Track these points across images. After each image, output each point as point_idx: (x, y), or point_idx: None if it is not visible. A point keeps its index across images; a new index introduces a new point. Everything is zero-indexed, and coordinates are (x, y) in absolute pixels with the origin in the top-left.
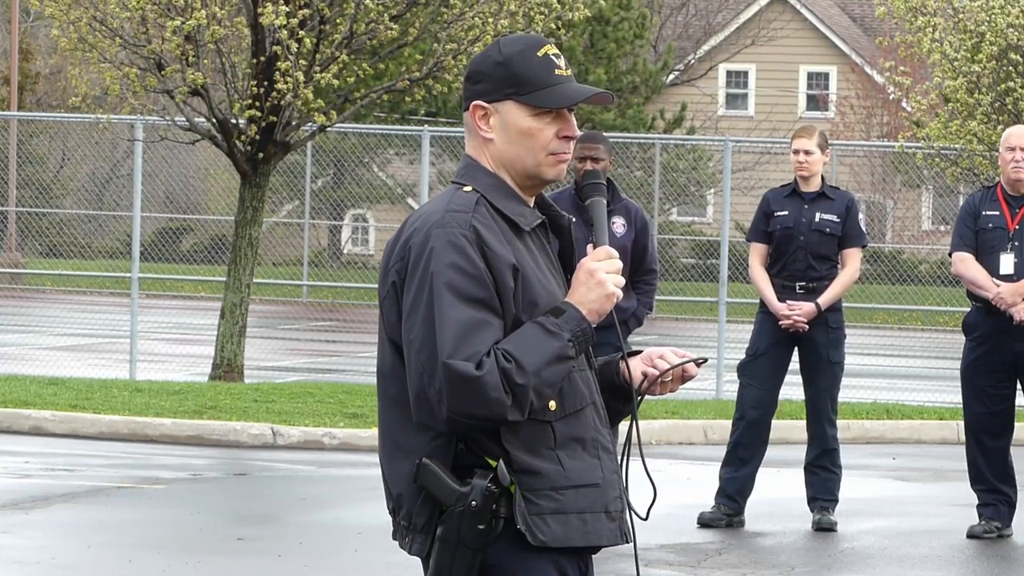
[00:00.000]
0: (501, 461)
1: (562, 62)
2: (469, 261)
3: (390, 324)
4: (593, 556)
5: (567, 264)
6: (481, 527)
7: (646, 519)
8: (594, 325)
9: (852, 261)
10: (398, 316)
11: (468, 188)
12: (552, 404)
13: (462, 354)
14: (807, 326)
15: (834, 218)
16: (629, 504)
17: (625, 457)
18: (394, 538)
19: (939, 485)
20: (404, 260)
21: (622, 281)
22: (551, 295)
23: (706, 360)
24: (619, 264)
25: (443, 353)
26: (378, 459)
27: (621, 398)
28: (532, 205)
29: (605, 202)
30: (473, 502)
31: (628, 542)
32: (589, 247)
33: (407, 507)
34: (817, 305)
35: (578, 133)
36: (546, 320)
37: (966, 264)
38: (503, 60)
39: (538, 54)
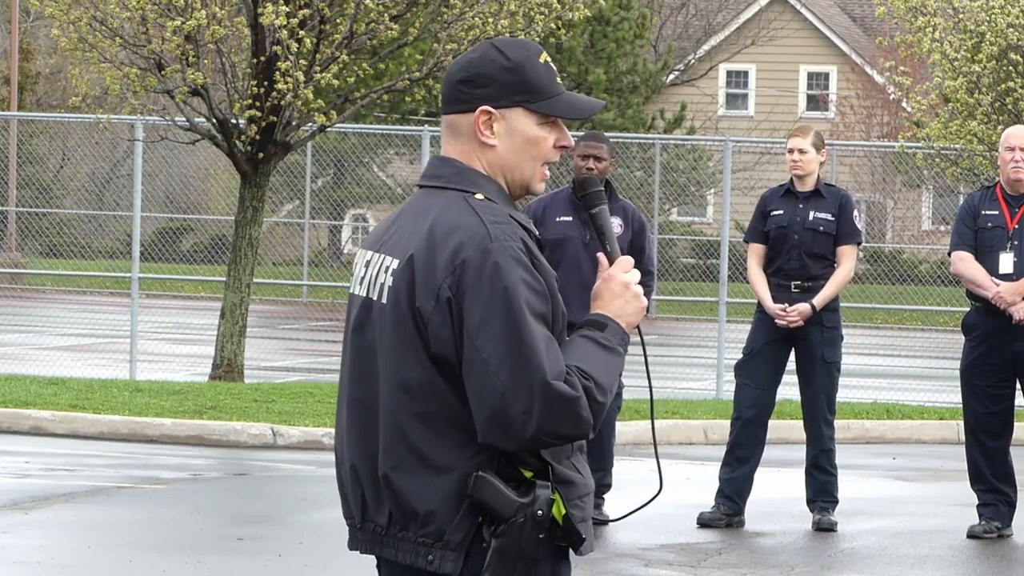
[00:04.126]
0: (551, 471)
1: (556, 68)
2: (535, 277)
3: (439, 340)
4: (594, 557)
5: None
6: (542, 536)
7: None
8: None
9: (847, 259)
10: (453, 333)
11: (480, 196)
12: None
13: (553, 372)
14: (802, 323)
15: (828, 216)
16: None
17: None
18: (368, 551)
19: (939, 485)
20: (456, 275)
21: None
22: (563, 305)
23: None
24: (639, 274)
25: (544, 374)
26: (362, 470)
27: None
28: None
29: (608, 210)
30: (539, 512)
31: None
32: (601, 256)
33: (437, 524)
34: (812, 306)
35: (572, 143)
36: (595, 335)
37: (965, 263)
38: (513, 66)
39: (540, 61)
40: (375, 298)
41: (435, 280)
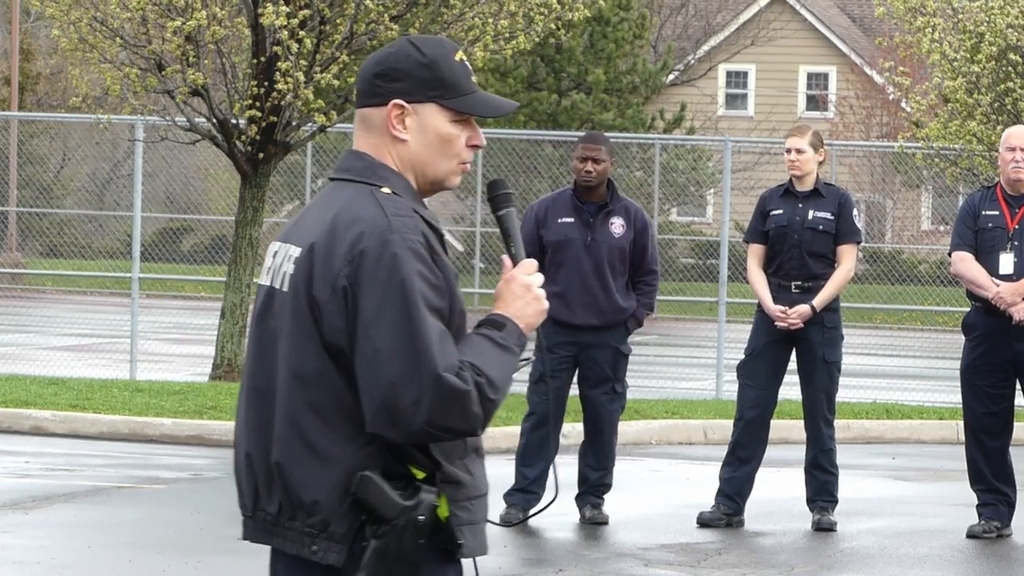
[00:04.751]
0: (436, 473)
1: (471, 67)
2: (432, 272)
3: (333, 329)
4: (594, 557)
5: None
6: (422, 541)
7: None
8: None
9: (847, 258)
10: (347, 323)
11: (387, 190)
12: None
13: (445, 365)
14: (802, 324)
15: (828, 215)
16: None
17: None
18: (259, 540)
19: (939, 485)
20: (354, 264)
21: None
22: (463, 301)
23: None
24: (542, 277)
25: (434, 366)
26: (256, 458)
27: None
28: None
29: (515, 213)
30: (421, 516)
31: (486, 553)
32: (504, 258)
33: (323, 515)
34: (812, 307)
35: (484, 142)
36: (493, 334)
37: (966, 264)
38: (428, 62)
39: (456, 59)
40: (277, 287)
41: (333, 269)
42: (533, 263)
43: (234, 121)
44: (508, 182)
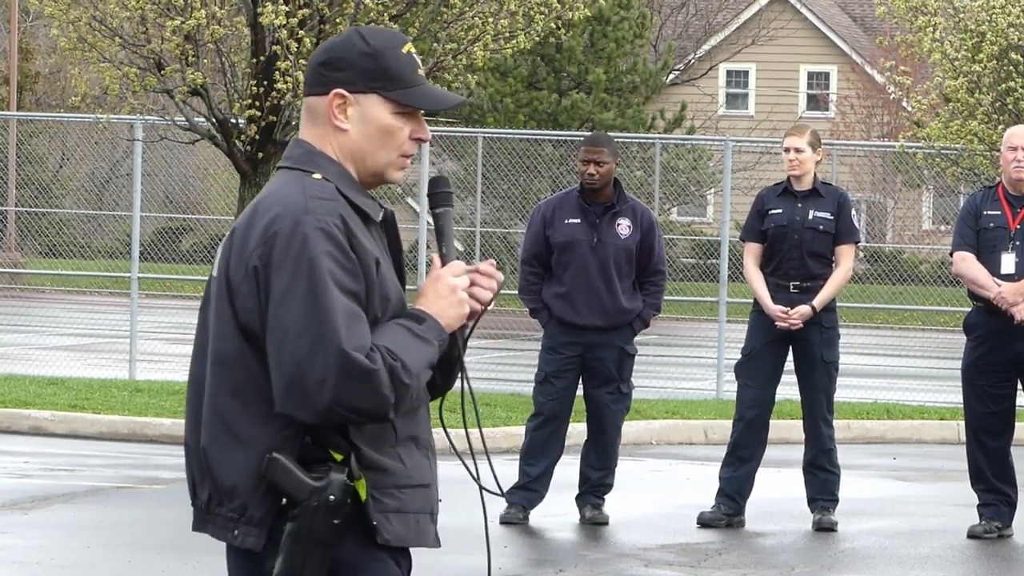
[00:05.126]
0: (352, 456)
1: (419, 60)
2: (343, 252)
3: (246, 310)
4: (594, 557)
5: (396, 258)
6: (336, 522)
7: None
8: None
9: (846, 259)
10: (258, 302)
11: (318, 176)
12: None
13: (354, 345)
14: (802, 325)
15: (827, 215)
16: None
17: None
18: (200, 529)
19: (939, 485)
20: (267, 245)
21: (480, 293)
22: (397, 290)
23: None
24: (468, 281)
25: (339, 342)
26: (193, 447)
27: (440, 370)
28: None
29: (453, 213)
30: (331, 496)
31: (440, 546)
32: (435, 257)
33: (241, 499)
34: (812, 307)
35: (429, 136)
36: (411, 325)
37: (967, 263)
38: (372, 52)
39: (403, 50)
40: (214, 274)
41: (247, 250)
42: (461, 266)
43: (233, 121)
44: (510, 181)
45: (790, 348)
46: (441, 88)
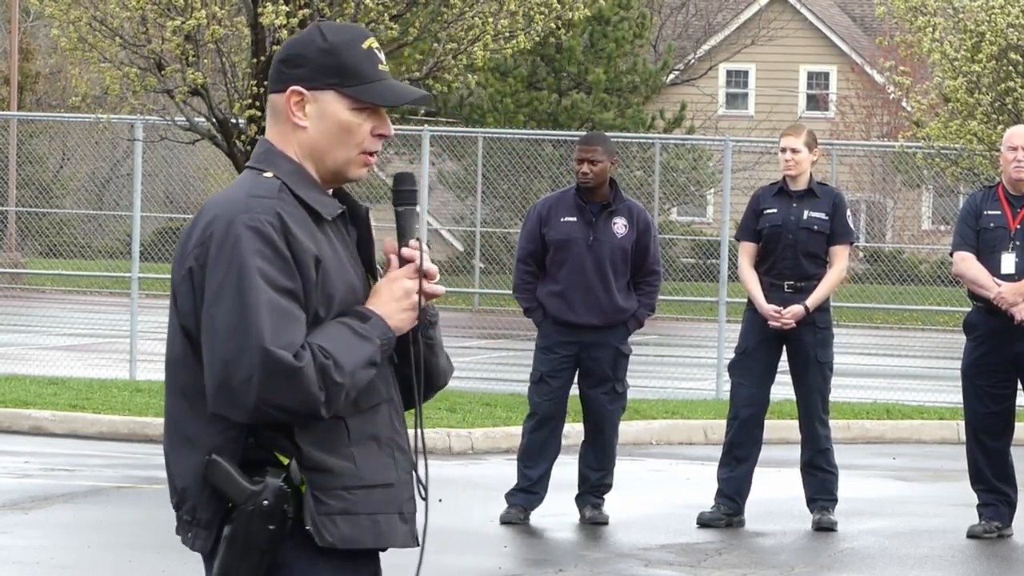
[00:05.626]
0: (294, 459)
1: (383, 56)
2: (276, 250)
3: (184, 311)
4: (594, 557)
5: (365, 255)
6: (271, 527)
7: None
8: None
9: (840, 259)
10: (194, 303)
11: (269, 174)
12: None
13: (279, 343)
14: (795, 324)
15: (822, 216)
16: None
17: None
18: (177, 533)
19: (939, 485)
20: (204, 246)
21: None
22: (350, 288)
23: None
24: (432, 289)
25: (262, 339)
26: (163, 452)
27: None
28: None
29: (416, 211)
30: (265, 501)
31: (418, 545)
32: (392, 258)
33: (192, 501)
34: (805, 307)
35: (392, 132)
36: (353, 323)
37: (967, 263)
38: (328, 47)
39: (363, 46)
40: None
41: (186, 251)
42: (414, 267)
43: (234, 121)
44: (510, 181)
45: (783, 346)
46: (403, 84)
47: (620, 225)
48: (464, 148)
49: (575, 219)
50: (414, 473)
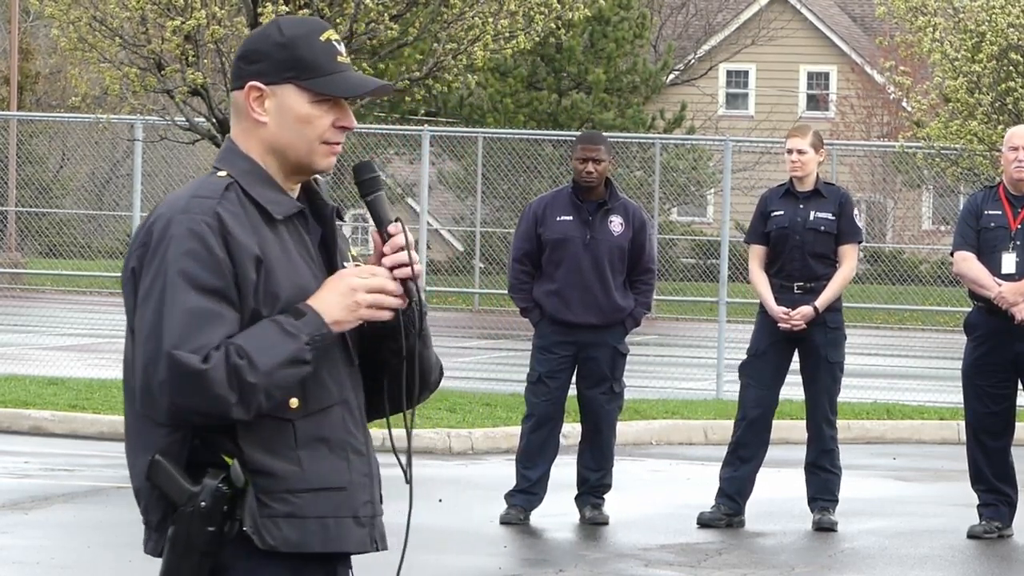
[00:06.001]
0: (236, 461)
1: (342, 48)
2: (207, 249)
3: (129, 311)
4: (593, 557)
5: (330, 253)
6: (211, 529)
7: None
8: (334, 333)
9: (848, 258)
10: (134, 303)
11: (223, 173)
12: (294, 402)
13: (188, 345)
14: (805, 325)
15: (829, 216)
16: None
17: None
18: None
19: (939, 485)
20: (145, 246)
21: (385, 300)
22: (298, 287)
23: (398, 219)
24: (382, 283)
25: (167, 343)
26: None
27: (392, 337)
28: (299, 192)
29: (384, 195)
30: (203, 503)
31: (380, 549)
32: (349, 267)
33: (143, 502)
34: (815, 308)
35: (355, 124)
36: (284, 320)
37: (968, 263)
38: (285, 42)
39: (321, 39)
40: None
41: (131, 251)
42: (380, 270)
43: None
44: (510, 181)
45: (795, 349)
46: (362, 74)
47: (616, 223)
48: (464, 148)
49: (571, 218)
50: (402, 466)
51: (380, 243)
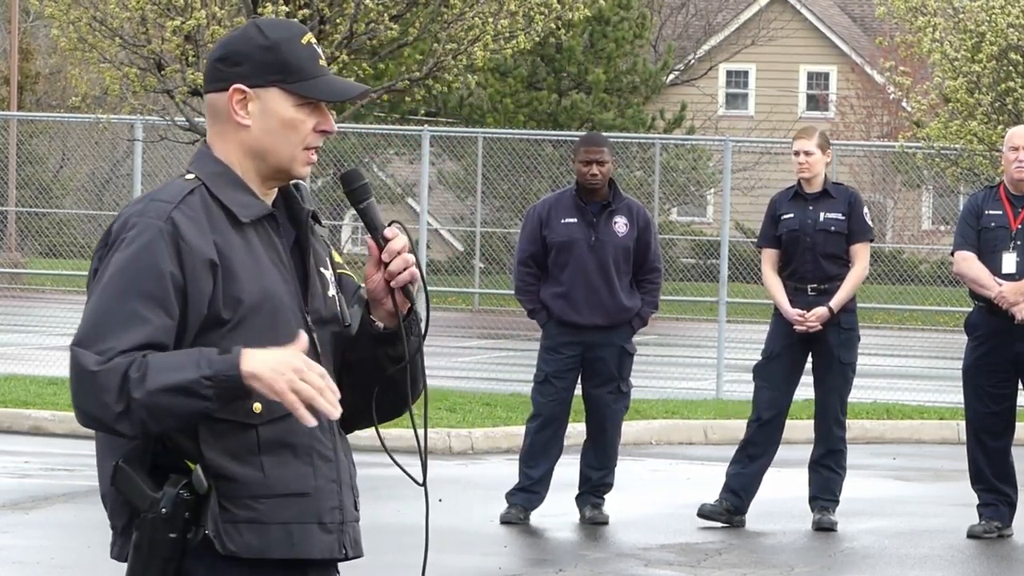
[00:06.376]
0: (198, 466)
1: (321, 51)
2: (152, 254)
3: None
4: (594, 557)
5: (304, 257)
6: (173, 535)
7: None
8: (243, 383)
9: (861, 257)
10: None
11: (191, 176)
12: (257, 407)
13: (95, 345)
14: (820, 326)
15: (839, 216)
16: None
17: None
18: None
19: (939, 485)
20: (106, 248)
21: (313, 400)
22: (264, 290)
23: (395, 222)
24: (323, 385)
25: (76, 339)
26: None
27: (391, 343)
28: (275, 195)
29: (374, 202)
30: (164, 508)
31: (353, 556)
32: (370, 241)
33: (109, 507)
34: (830, 309)
35: (335, 129)
36: (207, 352)
37: (968, 263)
38: (270, 44)
39: (302, 42)
40: None
41: (95, 254)
42: (303, 344)
43: None
44: (510, 181)
45: (809, 351)
46: (344, 79)
47: (621, 224)
48: (464, 148)
49: (576, 220)
50: (422, 471)
51: (376, 249)
